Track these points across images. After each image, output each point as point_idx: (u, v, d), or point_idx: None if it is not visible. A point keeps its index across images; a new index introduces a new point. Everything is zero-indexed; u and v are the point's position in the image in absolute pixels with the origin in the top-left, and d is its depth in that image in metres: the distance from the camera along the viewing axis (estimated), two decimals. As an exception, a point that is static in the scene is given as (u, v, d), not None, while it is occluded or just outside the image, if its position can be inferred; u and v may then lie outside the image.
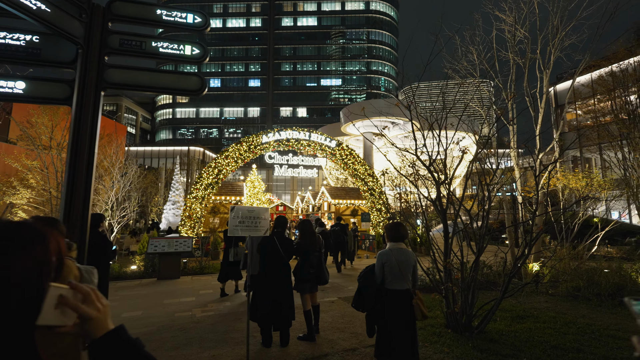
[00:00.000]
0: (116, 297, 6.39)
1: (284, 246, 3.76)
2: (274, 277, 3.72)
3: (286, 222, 4.02)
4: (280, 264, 3.76)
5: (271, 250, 3.77)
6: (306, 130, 14.30)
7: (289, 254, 3.80)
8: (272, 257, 3.76)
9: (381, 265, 2.94)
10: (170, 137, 63.87)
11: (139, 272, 8.74)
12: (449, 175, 4.49)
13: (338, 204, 16.18)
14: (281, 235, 3.85)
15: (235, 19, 64.26)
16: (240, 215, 3.22)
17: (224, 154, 13.26)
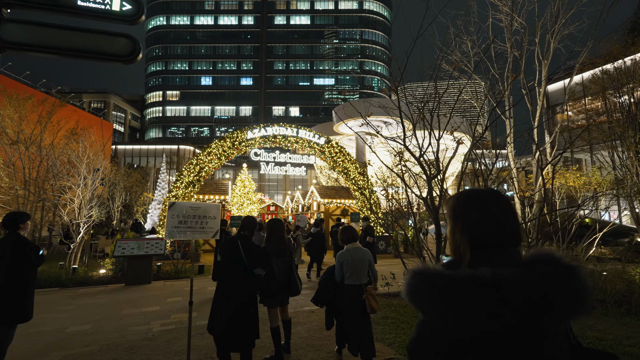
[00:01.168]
0: (70, 306, 5.68)
1: (248, 252, 3.14)
2: (235, 287, 3.09)
3: (255, 224, 3.32)
4: (242, 272, 3.13)
5: (233, 255, 3.15)
6: (294, 126, 13.68)
7: (254, 261, 3.17)
8: (234, 264, 3.14)
9: (340, 264, 3.31)
10: (160, 135, 62.55)
11: (106, 277, 8.01)
12: (442, 169, 3.92)
13: (328, 203, 15.59)
14: (247, 239, 3.22)
15: (227, 16, 63.29)
16: (182, 213, 2.59)
17: (206, 150, 12.56)
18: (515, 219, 0.96)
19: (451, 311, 0.78)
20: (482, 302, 0.77)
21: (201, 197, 13.98)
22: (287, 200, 26.88)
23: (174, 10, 63.03)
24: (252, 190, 25.50)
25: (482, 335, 0.78)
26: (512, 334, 0.77)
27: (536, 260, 0.85)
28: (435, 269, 0.83)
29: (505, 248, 0.90)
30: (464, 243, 0.93)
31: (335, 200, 15.77)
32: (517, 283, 0.78)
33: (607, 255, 10.80)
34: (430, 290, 0.81)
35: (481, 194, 0.99)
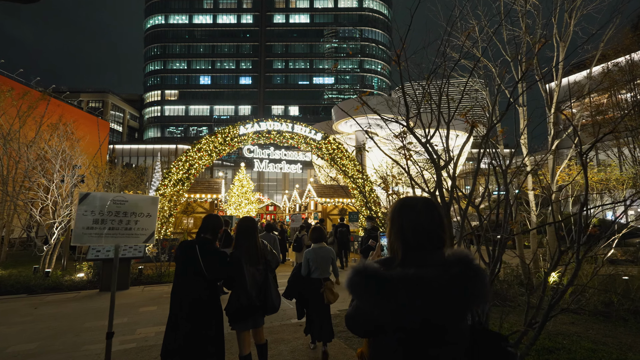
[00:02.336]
0: (28, 317, 5.00)
1: (208, 260, 2.46)
2: (191, 307, 2.42)
3: (219, 225, 2.67)
4: (200, 286, 2.45)
5: (188, 264, 2.47)
6: (289, 121, 13.00)
7: (216, 272, 2.49)
8: (189, 275, 2.46)
9: (307, 260, 3.71)
10: (158, 135, 61.98)
11: (81, 282, 7.34)
12: (452, 156, 3.23)
13: (325, 202, 14.92)
14: (207, 245, 2.55)
15: (225, 15, 62.71)
16: (99, 209, 1.89)
17: (197, 146, 11.88)
18: (440, 225, 1.11)
19: (380, 305, 0.99)
20: (405, 298, 0.97)
21: (192, 195, 13.31)
22: (284, 199, 26.22)
23: (173, 9, 62.47)
24: (250, 190, 24.88)
25: (406, 323, 0.99)
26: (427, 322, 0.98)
27: (454, 262, 1.04)
28: (372, 268, 1.02)
29: (430, 250, 1.08)
30: (397, 244, 1.11)
31: (332, 199, 15.09)
32: (436, 282, 0.99)
33: (618, 256, 10.09)
34: (366, 286, 1.00)
35: (413, 203, 1.15)
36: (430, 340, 0.98)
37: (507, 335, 1.06)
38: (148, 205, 2.15)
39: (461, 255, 1.04)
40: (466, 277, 0.99)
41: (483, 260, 3.32)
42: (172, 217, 11.45)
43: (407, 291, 0.96)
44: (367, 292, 0.99)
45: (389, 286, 0.97)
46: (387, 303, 0.97)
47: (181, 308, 2.42)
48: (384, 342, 1.03)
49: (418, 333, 0.98)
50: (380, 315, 0.99)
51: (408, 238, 1.08)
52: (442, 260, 1.05)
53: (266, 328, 4.36)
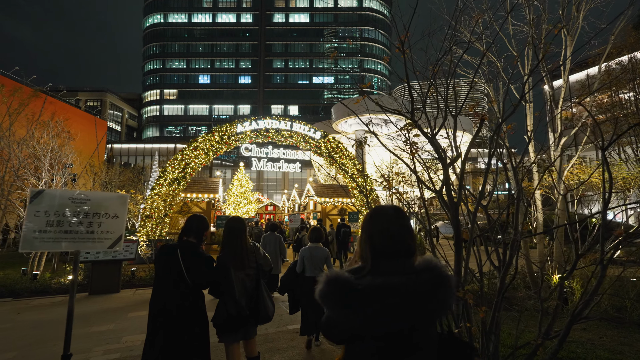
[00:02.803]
0: (7, 324, 4.73)
1: (190, 264, 2.21)
2: (172, 315, 2.17)
3: (204, 226, 2.40)
4: (182, 293, 2.20)
5: (168, 269, 2.22)
6: (287, 119, 12.74)
7: (198, 277, 2.23)
8: (169, 281, 2.21)
9: (302, 258, 3.86)
10: (157, 134, 61.70)
11: (69, 285, 7.06)
12: (460, 152, 2.99)
13: (324, 202, 14.66)
14: (190, 248, 2.30)
15: (225, 14, 62.42)
16: (54, 210, 1.60)
17: (193, 144, 11.62)
18: (408, 233, 1.13)
19: (350, 315, 1.00)
20: (375, 307, 0.99)
21: (188, 195, 13.06)
22: (283, 199, 25.99)
23: (172, 7, 62.16)
24: (250, 190, 24.61)
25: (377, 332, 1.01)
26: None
27: (423, 270, 1.06)
28: (344, 278, 1.03)
29: (400, 258, 1.09)
30: (367, 252, 1.12)
31: (332, 199, 14.84)
32: (404, 290, 1.00)
33: (621, 257, 9.85)
34: (336, 297, 1.01)
35: (383, 211, 1.18)
36: (403, 347, 1.00)
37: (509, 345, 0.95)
38: (115, 204, 1.87)
39: (429, 262, 1.07)
40: (433, 285, 1.02)
41: (493, 265, 3.08)
42: (168, 217, 11.19)
43: (376, 300, 0.99)
44: (338, 302, 1.01)
45: (358, 296, 0.99)
46: (357, 313, 0.99)
47: (161, 317, 2.17)
48: (358, 350, 1.04)
49: (391, 341, 0.99)
50: (352, 325, 1.00)
51: (377, 245, 1.10)
52: (412, 268, 1.07)
53: (260, 335, 4.11)
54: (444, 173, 2.84)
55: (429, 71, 3.25)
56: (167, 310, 2.17)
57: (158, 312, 2.18)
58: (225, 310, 2.44)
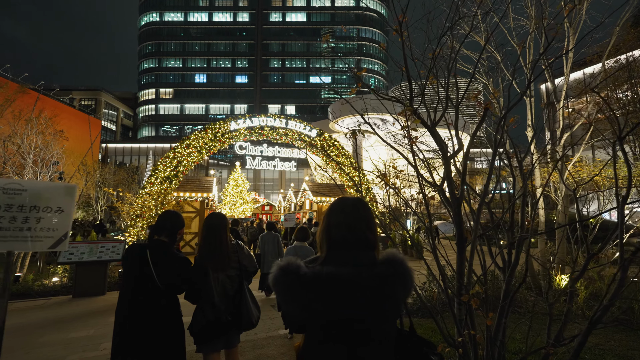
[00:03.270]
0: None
1: (160, 265, 1.97)
2: (141, 323, 1.91)
3: (177, 224, 2.14)
4: (151, 299, 1.95)
5: (137, 271, 1.96)
6: (282, 117, 12.49)
7: (168, 278, 2.00)
8: (138, 285, 1.96)
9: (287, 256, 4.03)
10: (153, 134, 61.16)
11: (54, 287, 6.77)
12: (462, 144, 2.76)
13: (321, 201, 14.42)
14: (161, 248, 2.04)
15: (221, 12, 62.03)
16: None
17: (185, 142, 11.33)
18: (366, 224, 1.10)
19: (296, 302, 0.99)
20: (318, 295, 0.98)
21: (181, 194, 12.75)
22: (279, 198, 25.74)
23: (168, 6, 61.66)
24: (246, 189, 24.34)
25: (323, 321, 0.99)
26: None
27: (382, 263, 1.04)
28: (294, 265, 1.01)
29: (356, 250, 1.05)
30: (324, 242, 1.10)
31: (328, 198, 14.60)
32: (350, 282, 0.98)
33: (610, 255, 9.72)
34: (284, 284, 1.00)
35: (344, 202, 1.16)
36: (353, 337, 0.98)
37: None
38: (59, 196, 1.59)
39: (392, 256, 1.05)
40: (383, 278, 1.00)
41: (497, 266, 2.85)
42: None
43: (320, 289, 0.98)
44: (285, 289, 0.99)
45: (302, 282, 0.98)
46: (301, 300, 0.98)
47: (129, 324, 1.91)
48: (310, 338, 1.03)
49: (339, 330, 0.97)
50: (298, 312, 1.00)
51: (332, 234, 1.08)
52: (369, 261, 1.04)
53: (249, 341, 3.86)
54: (445, 166, 2.60)
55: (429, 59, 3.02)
56: (136, 317, 1.91)
57: (125, 319, 1.93)
58: (203, 316, 2.21)
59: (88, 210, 22.62)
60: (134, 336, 1.90)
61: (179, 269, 2.03)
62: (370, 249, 1.07)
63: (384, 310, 1.00)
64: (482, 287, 2.51)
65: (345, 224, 1.07)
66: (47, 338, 4.09)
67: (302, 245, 4.21)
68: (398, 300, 1.02)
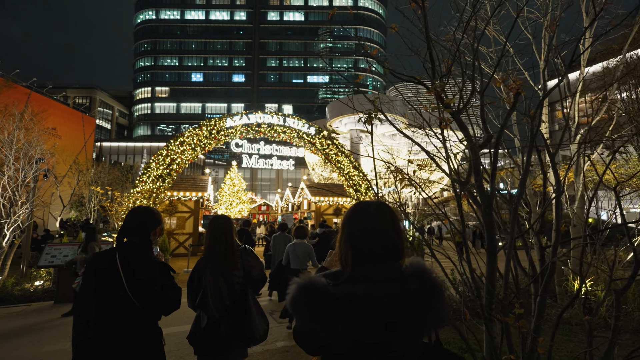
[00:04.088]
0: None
1: (138, 279, 1.57)
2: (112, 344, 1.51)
3: (152, 221, 1.72)
4: (124, 317, 1.55)
5: (105, 289, 1.56)
6: (280, 114, 12.11)
7: (152, 299, 1.59)
8: (106, 306, 1.55)
9: (287, 252, 4.54)
10: (148, 133, 60.51)
11: (35, 292, 6.32)
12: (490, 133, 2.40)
13: (319, 202, 14.05)
14: (135, 252, 1.63)
15: (218, 11, 61.54)
16: None
17: (179, 139, 10.89)
18: (394, 230, 0.97)
19: (326, 327, 0.86)
20: (354, 319, 0.86)
21: (175, 193, 12.32)
22: (276, 198, 25.33)
23: (164, 3, 61.02)
24: (242, 189, 23.91)
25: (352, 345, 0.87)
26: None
27: (411, 275, 0.92)
28: (319, 285, 0.88)
29: (384, 261, 0.93)
30: (346, 253, 0.97)
31: (327, 198, 14.23)
32: (388, 301, 0.86)
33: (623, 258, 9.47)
34: (310, 306, 0.87)
35: (365, 206, 1.03)
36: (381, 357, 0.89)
37: None
38: None
39: (418, 267, 0.94)
40: (424, 295, 0.90)
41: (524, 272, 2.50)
42: (152, 216, 10.45)
43: (356, 311, 0.87)
44: (311, 312, 0.88)
45: (335, 306, 0.87)
46: (334, 324, 0.87)
47: (98, 341, 1.50)
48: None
49: (370, 353, 0.87)
50: (328, 336, 0.89)
51: (357, 245, 0.96)
52: (398, 274, 0.93)
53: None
54: (473, 158, 2.24)
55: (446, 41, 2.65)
56: (102, 349, 1.50)
57: (86, 353, 1.51)
58: (199, 323, 2.05)
59: (81, 209, 22.05)
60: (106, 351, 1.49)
61: (160, 279, 1.61)
62: (398, 259, 0.96)
63: (421, 330, 0.92)
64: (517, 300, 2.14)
65: (371, 231, 0.95)
66: (20, 352, 3.67)
67: (301, 242, 4.50)
68: (439, 320, 0.92)
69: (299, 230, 4.56)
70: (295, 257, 4.34)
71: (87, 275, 1.60)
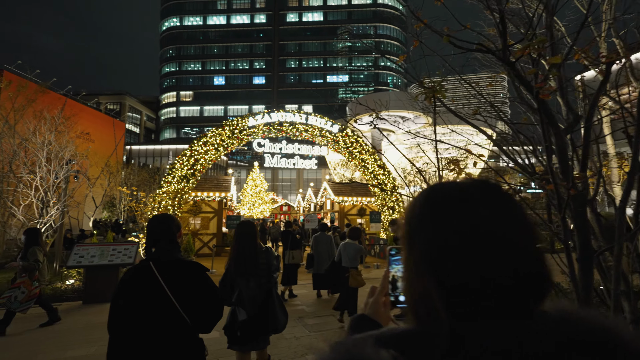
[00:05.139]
0: (-23, 342, 4.01)
1: (177, 285, 1.42)
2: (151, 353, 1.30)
3: (177, 227, 1.64)
4: (165, 327, 1.37)
5: (144, 295, 1.40)
6: (302, 112, 11.85)
7: (192, 304, 1.44)
8: (147, 311, 1.37)
9: (339, 252, 4.83)
10: (174, 136, 62.55)
11: (66, 291, 6.39)
12: (577, 112, 1.96)
13: (342, 202, 13.66)
14: (170, 255, 1.51)
15: (239, 15, 62.64)
16: None
17: (202, 139, 10.89)
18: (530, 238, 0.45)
19: None
20: None
21: (199, 194, 12.36)
22: (298, 198, 25.16)
23: (187, 10, 62.89)
24: (264, 190, 23.98)
25: None
26: None
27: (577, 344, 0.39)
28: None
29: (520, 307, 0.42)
30: (430, 294, 0.44)
31: (351, 197, 13.82)
32: None
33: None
34: None
35: (459, 190, 0.48)
36: None
37: None
38: None
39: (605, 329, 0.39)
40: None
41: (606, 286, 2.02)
42: (177, 217, 10.50)
43: None
44: None
45: None
46: None
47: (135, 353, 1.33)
48: None
49: None
50: None
51: (454, 272, 0.42)
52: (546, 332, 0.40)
53: None
54: (558, 143, 1.80)
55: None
56: (148, 344, 1.34)
57: (136, 348, 1.32)
58: (235, 319, 2.35)
59: (112, 210, 22.96)
60: None
61: (203, 286, 1.49)
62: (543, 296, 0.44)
63: None
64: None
65: (486, 237, 0.42)
66: (42, 358, 3.57)
67: (350, 242, 4.72)
68: None
69: (353, 232, 4.84)
70: (346, 256, 4.63)
71: (122, 292, 1.41)
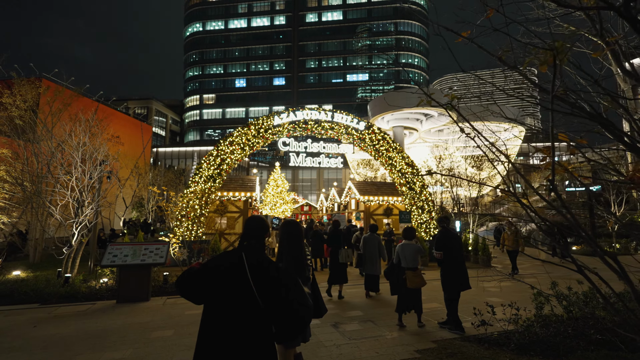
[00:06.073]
0: (17, 342, 4.01)
1: (262, 280, 1.53)
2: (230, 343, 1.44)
3: (266, 227, 1.81)
4: (249, 319, 1.48)
5: (230, 288, 1.53)
6: (328, 110, 11.57)
7: (273, 298, 1.51)
8: (232, 303, 1.50)
9: (397, 253, 4.87)
10: (197, 138, 64.32)
11: (100, 290, 6.46)
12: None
13: (368, 201, 13.25)
14: (257, 252, 1.65)
15: (259, 17, 63.45)
16: None
17: (228, 139, 10.87)
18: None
19: None
20: None
21: (224, 193, 12.38)
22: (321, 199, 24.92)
23: (210, 15, 64.45)
24: (285, 190, 23.94)
25: None
26: None
27: None
28: None
29: None
30: None
31: (376, 197, 13.38)
32: None
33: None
34: None
35: None
36: None
37: None
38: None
39: None
40: None
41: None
42: (204, 216, 10.54)
43: None
44: None
45: None
46: None
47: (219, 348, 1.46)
48: None
49: None
50: None
51: None
52: None
53: None
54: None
55: None
56: (231, 345, 1.45)
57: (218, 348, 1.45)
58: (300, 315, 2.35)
59: (141, 210, 23.74)
60: None
61: (281, 280, 1.57)
62: None
63: None
64: None
65: None
66: (80, 359, 3.50)
67: (409, 243, 4.76)
68: None
69: (408, 232, 4.89)
70: (404, 257, 4.71)
71: (205, 273, 1.56)
